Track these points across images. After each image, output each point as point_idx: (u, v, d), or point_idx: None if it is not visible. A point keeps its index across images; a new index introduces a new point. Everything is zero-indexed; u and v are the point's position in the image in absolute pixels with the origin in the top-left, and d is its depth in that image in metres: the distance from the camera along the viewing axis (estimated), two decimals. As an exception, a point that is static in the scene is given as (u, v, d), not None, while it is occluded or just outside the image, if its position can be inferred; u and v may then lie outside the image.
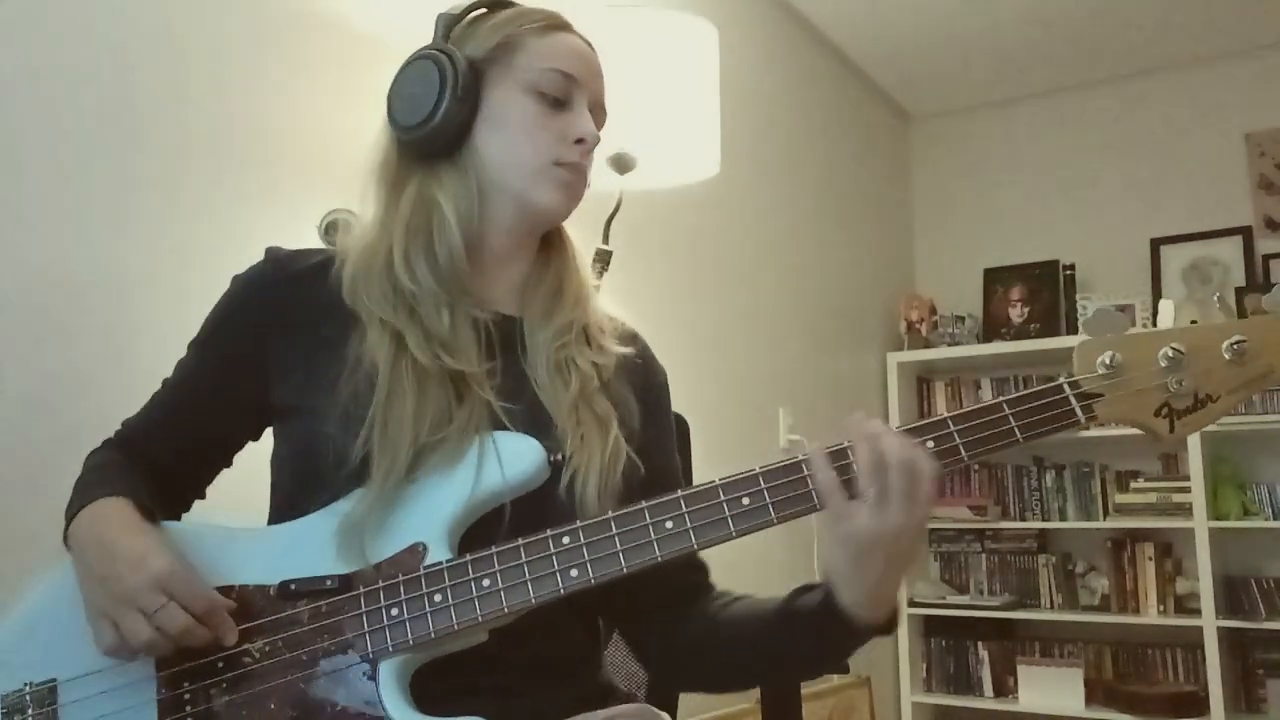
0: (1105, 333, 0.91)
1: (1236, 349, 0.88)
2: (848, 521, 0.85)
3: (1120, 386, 0.90)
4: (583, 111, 1.04)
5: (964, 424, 0.89)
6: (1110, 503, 3.61)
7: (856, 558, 0.86)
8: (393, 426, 0.92)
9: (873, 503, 0.84)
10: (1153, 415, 0.90)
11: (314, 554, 0.91)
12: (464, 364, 0.97)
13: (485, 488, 0.92)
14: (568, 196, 1.05)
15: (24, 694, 0.91)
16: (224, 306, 1.05)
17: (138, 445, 1.06)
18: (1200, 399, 0.89)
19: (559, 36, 1.06)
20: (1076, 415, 0.90)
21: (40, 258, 1.37)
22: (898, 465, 0.83)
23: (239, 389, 1.02)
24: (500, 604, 0.88)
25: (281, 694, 0.88)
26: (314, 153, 1.70)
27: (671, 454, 1.12)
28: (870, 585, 0.87)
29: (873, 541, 0.85)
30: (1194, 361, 0.89)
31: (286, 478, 1.01)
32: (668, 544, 0.88)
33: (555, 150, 1.02)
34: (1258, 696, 3.31)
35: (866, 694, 3.13)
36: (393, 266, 1.00)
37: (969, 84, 4.01)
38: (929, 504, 0.85)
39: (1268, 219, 3.65)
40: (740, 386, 2.89)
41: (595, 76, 1.08)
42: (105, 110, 1.46)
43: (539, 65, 1.03)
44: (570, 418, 0.98)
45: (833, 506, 0.86)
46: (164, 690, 0.89)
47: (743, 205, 3.01)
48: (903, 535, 0.84)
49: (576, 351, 1.03)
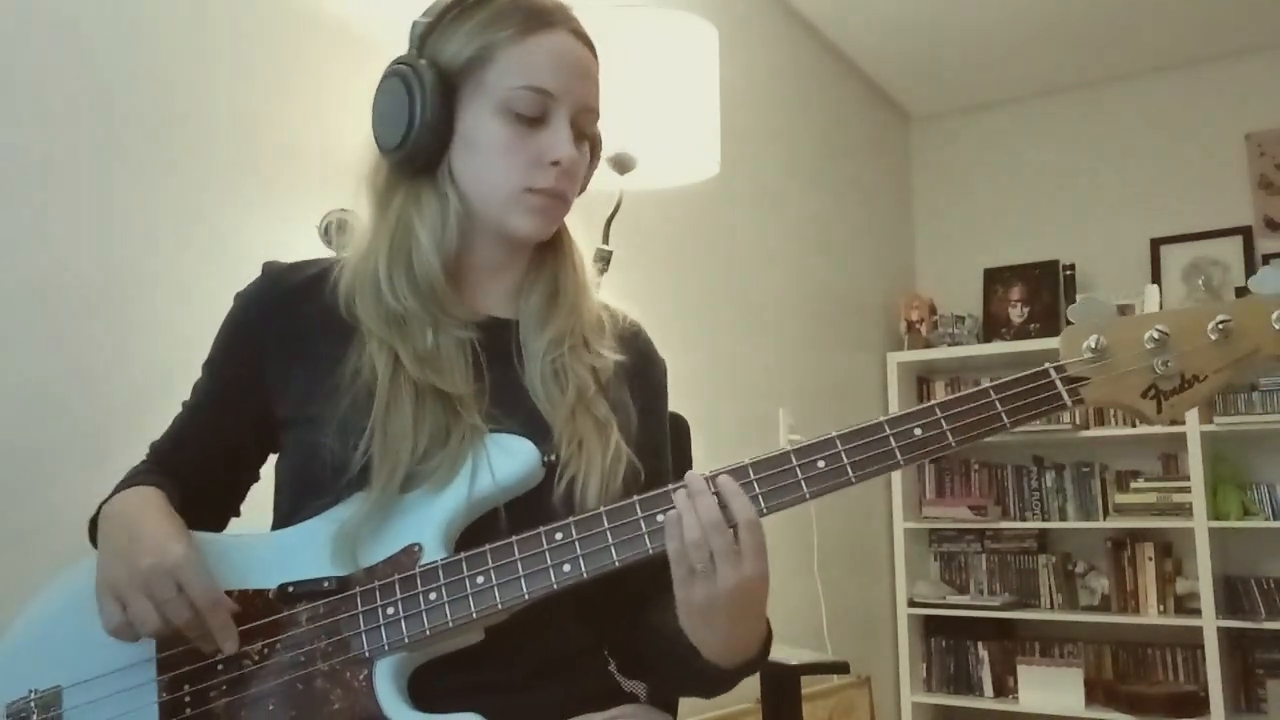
0: (1091, 317, 0.91)
1: (1222, 329, 0.88)
2: (684, 591, 0.86)
3: (1106, 369, 0.90)
4: (560, 128, 0.98)
5: (951, 410, 0.90)
6: (1110, 503, 3.61)
7: (702, 621, 0.87)
8: (392, 436, 0.93)
9: (702, 571, 0.84)
10: (1140, 397, 0.90)
11: (312, 558, 0.92)
12: (450, 386, 0.96)
13: (481, 487, 0.93)
14: (544, 221, 1.01)
15: (29, 701, 0.91)
16: (227, 327, 1.06)
17: (167, 466, 1.06)
18: (1187, 379, 0.89)
19: (536, 41, 0.98)
20: (1063, 399, 0.90)
21: (37, 258, 1.37)
22: (711, 527, 0.84)
23: (248, 406, 1.02)
24: (494, 600, 0.88)
25: (280, 695, 0.88)
26: (314, 153, 1.70)
27: (665, 454, 1.11)
28: (723, 641, 0.88)
29: (712, 607, 0.85)
30: (1179, 342, 0.89)
31: (288, 485, 1.01)
32: (659, 537, 0.88)
33: (527, 177, 0.98)
34: (1258, 696, 3.31)
35: (866, 694, 3.13)
36: (379, 285, 0.99)
37: (969, 84, 4.02)
38: (756, 554, 0.85)
39: (1268, 219, 3.65)
40: (740, 386, 2.89)
41: (581, 80, 1.01)
42: (104, 111, 1.46)
43: (511, 83, 0.97)
44: (568, 425, 0.98)
45: (675, 574, 0.86)
46: (165, 694, 0.90)
47: (743, 205, 3.01)
48: (739, 591, 0.84)
49: (573, 359, 1.01)
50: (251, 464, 1.09)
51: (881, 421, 0.90)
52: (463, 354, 0.99)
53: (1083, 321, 0.91)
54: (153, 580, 0.86)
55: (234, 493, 1.10)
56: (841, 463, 0.88)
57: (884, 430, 0.89)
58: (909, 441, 0.89)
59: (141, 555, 0.88)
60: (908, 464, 0.90)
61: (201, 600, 0.87)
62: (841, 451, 0.89)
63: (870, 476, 0.89)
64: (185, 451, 1.06)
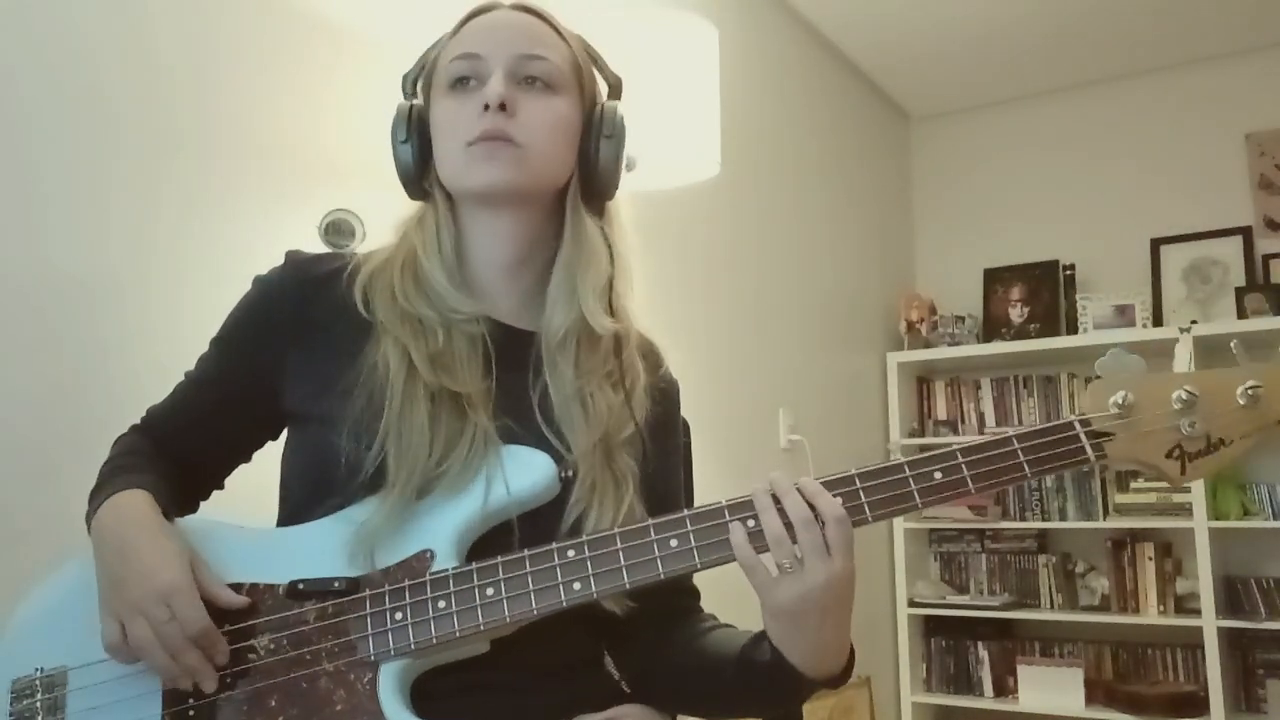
0: (1119, 373, 0.91)
1: (1251, 394, 0.88)
2: (773, 594, 0.85)
3: (1132, 427, 0.89)
4: (491, 80, 0.98)
5: (973, 456, 0.89)
6: (1110, 503, 3.60)
7: (792, 624, 0.87)
8: (407, 438, 0.93)
9: (790, 569, 0.84)
10: (1164, 457, 0.89)
11: (324, 557, 0.92)
12: (461, 385, 0.96)
13: (496, 498, 0.93)
14: (494, 167, 0.98)
15: (34, 679, 0.92)
16: (243, 308, 1.05)
17: (160, 435, 1.07)
18: (1213, 442, 0.89)
19: (470, 24, 1.03)
20: (1087, 454, 0.89)
21: (33, 259, 1.37)
22: (802, 524, 0.84)
23: (254, 391, 1.02)
24: (503, 613, 0.88)
25: (283, 691, 0.88)
26: (314, 153, 1.70)
27: (676, 480, 1.11)
28: (812, 644, 0.87)
29: (802, 606, 0.85)
30: (1207, 405, 0.89)
31: (296, 481, 1.01)
32: (671, 562, 0.88)
33: (466, 132, 0.98)
34: (1258, 696, 3.31)
35: (866, 694, 3.13)
36: (393, 289, 1.01)
37: (969, 84, 4.01)
38: (846, 551, 0.85)
39: (1268, 219, 3.65)
40: (740, 386, 2.89)
41: (511, 33, 1.01)
42: (103, 111, 1.45)
43: (445, 64, 1.01)
44: (586, 460, 0.97)
45: (755, 582, 0.86)
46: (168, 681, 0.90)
47: (743, 205, 3.01)
48: (830, 588, 0.84)
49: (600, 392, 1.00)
50: (245, 446, 1.09)
51: (902, 463, 0.90)
52: (474, 350, 0.99)
53: (1111, 376, 0.91)
54: (147, 606, 0.87)
55: (222, 469, 1.10)
56: (859, 500, 0.88)
57: (904, 471, 0.89)
58: (928, 485, 0.89)
59: (136, 582, 0.88)
60: (925, 506, 0.89)
61: (191, 627, 0.87)
62: (860, 490, 0.88)
63: (886, 517, 0.89)
64: (181, 422, 1.06)
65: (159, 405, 1.09)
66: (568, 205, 1.04)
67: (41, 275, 1.37)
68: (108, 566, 0.91)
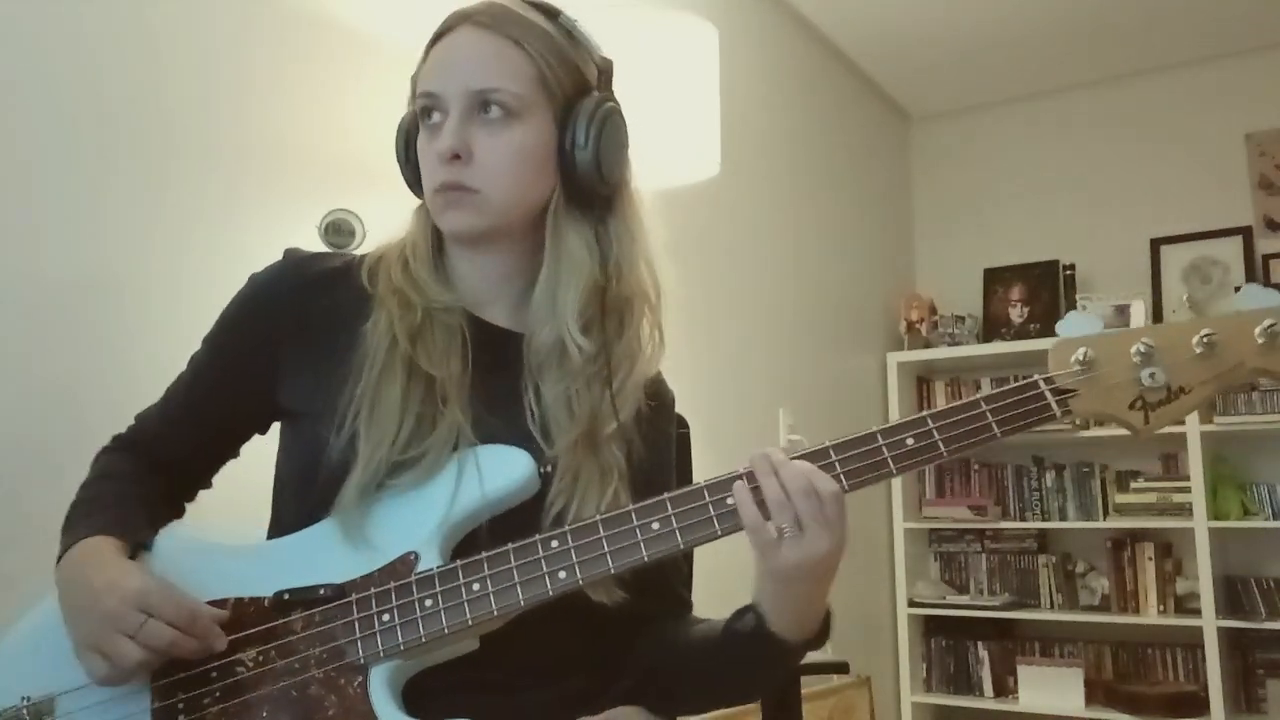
0: (1078, 332, 0.94)
1: (1207, 342, 0.90)
2: (774, 556, 0.87)
3: (1095, 382, 0.92)
4: (446, 126, 0.97)
5: (943, 421, 0.91)
6: (1110, 503, 3.61)
7: (785, 586, 0.89)
8: (379, 407, 0.93)
9: (791, 534, 0.86)
10: (1127, 408, 0.92)
11: (308, 565, 0.92)
12: (437, 369, 0.96)
13: (469, 495, 0.93)
14: (456, 214, 0.99)
15: (21, 710, 0.91)
16: (238, 305, 1.05)
17: (147, 442, 1.07)
18: (1174, 391, 0.91)
19: (433, 52, 1.01)
20: (1053, 410, 0.92)
21: (36, 258, 1.37)
22: (801, 494, 0.86)
23: (248, 388, 1.02)
24: (489, 607, 0.88)
25: (274, 701, 0.88)
26: (313, 153, 1.70)
27: (669, 474, 1.11)
28: (799, 609, 0.90)
29: (799, 571, 0.87)
30: (1166, 356, 0.91)
31: (288, 481, 1.01)
32: (654, 544, 0.89)
33: (430, 179, 1.00)
34: (1258, 696, 3.31)
35: (866, 694, 3.13)
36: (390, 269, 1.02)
37: (969, 84, 4.01)
38: (841, 523, 0.87)
39: (1268, 219, 3.65)
40: (740, 386, 2.89)
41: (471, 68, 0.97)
42: (103, 111, 1.45)
43: (416, 97, 1.02)
44: (568, 454, 0.97)
45: (758, 542, 0.88)
46: (158, 700, 0.89)
47: (743, 205, 3.01)
48: (827, 557, 0.87)
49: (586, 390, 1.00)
50: (237, 441, 1.09)
51: (875, 431, 0.91)
52: (452, 340, 0.99)
53: (1071, 335, 0.94)
54: (119, 616, 0.85)
55: (211, 467, 1.10)
56: (835, 472, 0.89)
57: (877, 440, 0.91)
58: (901, 451, 0.91)
59: (101, 599, 0.86)
60: (900, 473, 0.91)
61: (177, 617, 0.86)
62: (835, 462, 0.90)
63: (864, 485, 0.90)
64: (170, 421, 1.07)
65: (148, 409, 1.09)
66: (548, 224, 1.02)
67: (41, 276, 1.37)
68: (71, 602, 0.90)
